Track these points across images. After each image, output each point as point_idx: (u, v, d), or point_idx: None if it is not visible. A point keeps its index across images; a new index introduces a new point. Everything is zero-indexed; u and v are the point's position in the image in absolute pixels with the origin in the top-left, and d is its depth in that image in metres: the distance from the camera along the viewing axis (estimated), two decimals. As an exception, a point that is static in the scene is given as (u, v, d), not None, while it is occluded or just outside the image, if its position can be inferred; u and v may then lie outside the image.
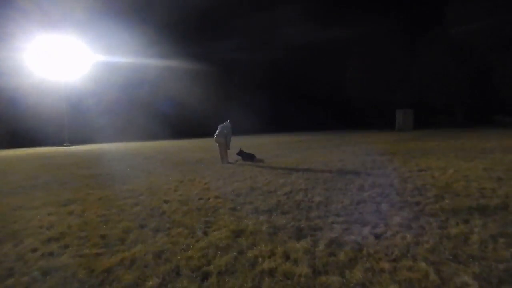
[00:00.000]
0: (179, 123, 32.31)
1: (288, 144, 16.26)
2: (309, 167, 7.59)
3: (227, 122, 9.49)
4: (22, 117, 27.47)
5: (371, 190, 4.93)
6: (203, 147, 16.21)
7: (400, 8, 35.00)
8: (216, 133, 9.29)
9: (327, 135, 22.48)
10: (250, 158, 9.50)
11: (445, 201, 4.15)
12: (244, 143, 11.78)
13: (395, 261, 2.57)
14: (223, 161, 9.20)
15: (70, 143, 27.34)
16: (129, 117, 32.01)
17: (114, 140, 28.42)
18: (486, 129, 20.80)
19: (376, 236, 3.08)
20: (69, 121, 29.33)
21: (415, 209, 3.88)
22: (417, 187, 4.99)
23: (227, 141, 9.21)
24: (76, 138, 28.49)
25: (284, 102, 37.47)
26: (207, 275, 2.50)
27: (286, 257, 2.73)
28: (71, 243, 3.33)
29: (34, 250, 3.18)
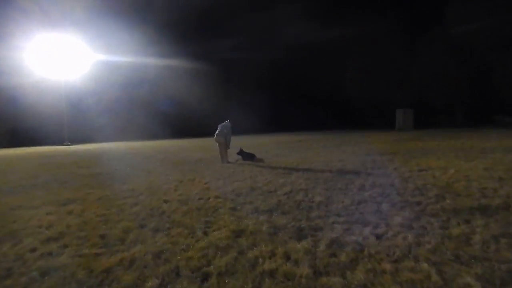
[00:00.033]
0: (179, 123, 32.33)
1: (288, 143, 16.24)
2: (309, 167, 7.57)
3: (227, 121, 9.48)
4: (22, 116, 27.46)
5: (372, 190, 4.91)
6: (203, 147, 16.20)
7: (400, 8, 35.06)
8: (216, 132, 9.29)
9: (327, 135, 22.45)
10: (250, 157, 9.49)
11: (446, 201, 4.14)
12: (244, 143, 11.76)
13: (396, 262, 2.55)
14: (223, 161, 9.18)
15: (70, 142, 27.33)
16: (129, 117, 32.02)
17: (114, 139, 28.40)
18: (486, 129, 20.79)
19: (377, 236, 3.06)
20: (69, 120, 29.33)
21: (416, 209, 3.86)
22: (418, 187, 4.97)
23: (227, 141, 9.20)
24: (76, 137, 28.49)
25: (284, 101, 37.48)
26: (207, 276, 2.48)
27: (286, 257, 2.71)
28: (70, 243, 3.31)
29: (33, 250, 3.16)
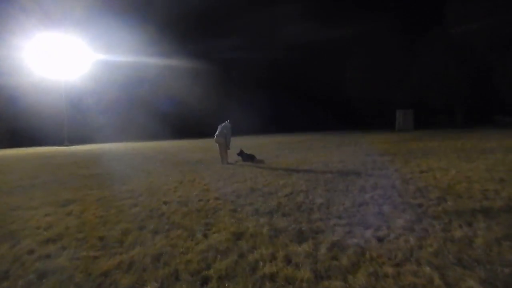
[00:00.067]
0: (179, 122, 32.28)
1: (288, 144, 16.21)
2: (310, 168, 7.54)
3: (227, 122, 9.46)
4: (22, 116, 27.45)
5: (373, 191, 4.88)
6: (203, 148, 16.17)
7: (400, 7, 34.98)
8: (216, 133, 9.26)
9: (327, 136, 22.42)
10: (250, 158, 9.47)
11: (448, 203, 4.10)
12: (244, 144, 11.74)
13: (398, 265, 2.52)
14: (223, 162, 9.15)
15: (70, 142, 27.28)
16: (129, 117, 31.98)
17: (114, 139, 28.37)
18: (486, 129, 20.76)
19: (378, 239, 3.02)
20: (69, 120, 29.29)
21: (417, 211, 3.83)
22: (419, 188, 4.93)
23: (227, 141, 9.17)
24: (76, 137, 28.45)
25: (284, 101, 37.44)
26: (206, 280, 2.45)
27: (287, 261, 2.67)
28: (69, 244, 3.27)
29: (31, 251, 3.13)
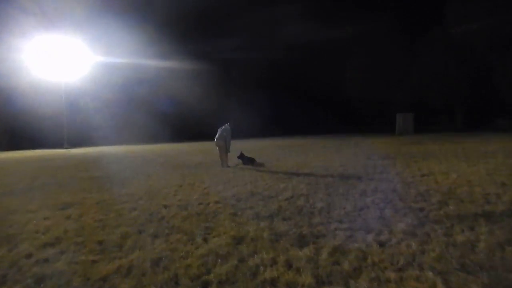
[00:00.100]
0: (179, 123, 32.11)
1: (288, 147, 16.18)
2: (310, 172, 7.51)
3: (227, 125, 9.43)
4: (21, 118, 27.40)
5: (374, 195, 4.85)
6: (203, 150, 16.14)
7: (400, 7, 35.01)
8: (216, 136, 9.25)
9: (327, 139, 22.40)
10: (250, 162, 9.44)
11: (450, 207, 4.08)
12: (244, 147, 11.72)
13: (401, 270, 2.49)
14: (223, 165, 9.12)
15: (69, 145, 27.23)
16: (129, 118, 31.90)
17: (114, 142, 28.33)
18: (486, 133, 20.79)
19: (380, 243, 2.99)
20: (68, 123, 29.25)
21: (419, 215, 3.80)
22: (420, 192, 4.91)
23: (227, 144, 9.15)
24: (75, 140, 28.39)
25: (284, 101, 37.35)
26: (206, 285, 2.41)
27: (288, 265, 2.64)
28: (67, 249, 3.24)
29: (28, 256, 3.10)
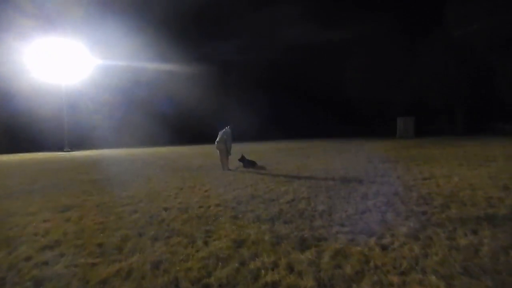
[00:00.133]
0: (180, 126, 32.08)
1: (289, 150, 16.16)
2: (311, 175, 7.48)
3: (227, 128, 9.42)
4: (21, 120, 27.42)
5: (376, 198, 4.83)
6: (203, 153, 16.12)
7: (400, 8, 34.95)
8: (217, 139, 9.23)
9: (328, 142, 22.38)
10: (251, 164, 9.43)
11: (452, 210, 4.05)
12: (245, 150, 11.69)
13: (404, 274, 2.46)
14: (224, 168, 9.10)
15: (70, 148, 27.23)
16: (130, 121, 31.87)
17: (114, 145, 28.32)
18: (487, 137, 20.78)
19: (383, 247, 2.97)
20: (69, 126, 29.27)
21: (421, 218, 3.77)
22: (422, 195, 4.88)
23: (227, 147, 9.13)
24: (76, 142, 28.40)
25: (284, 104, 37.36)
26: (207, 288, 2.39)
27: (290, 269, 2.62)
28: (67, 251, 3.22)
29: (28, 258, 3.07)
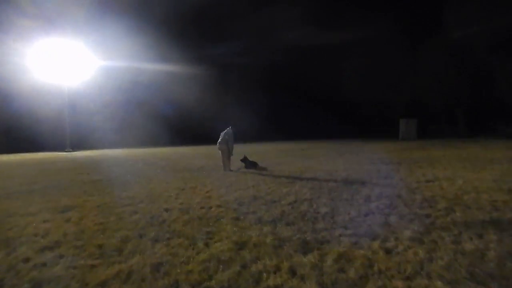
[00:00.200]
0: (182, 128, 32.06)
1: (290, 152, 16.11)
2: (313, 176, 7.43)
3: (229, 128, 9.40)
4: (22, 121, 27.45)
5: (379, 201, 4.77)
6: (205, 154, 16.09)
7: (400, 11, 34.90)
8: (218, 140, 9.21)
9: (329, 143, 22.30)
10: (253, 165, 9.40)
11: (456, 214, 4.00)
12: (246, 151, 11.65)
13: (408, 279, 2.41)
14: (225, 169, 9.06)
15: (71, 148, 27.26)
16: (131, 122, 31.90)
17: (115, 145, 28.33)
18: (489, 139, 20.67)
19: (387, 251, 2.92)
20: (71, 126, 29.31)
21: (425, 222, 3.72)
22: (426, 198, 4.83)
23: (229, 148, 9.10)
24: (77, 143, 28.42)
25: (285, 105, 37.37)
26: (208, 292, 2.34)
27: (292, 272, 2.57)
28: (66, 253, 3.18)
29: (26, 260, 3.04)
